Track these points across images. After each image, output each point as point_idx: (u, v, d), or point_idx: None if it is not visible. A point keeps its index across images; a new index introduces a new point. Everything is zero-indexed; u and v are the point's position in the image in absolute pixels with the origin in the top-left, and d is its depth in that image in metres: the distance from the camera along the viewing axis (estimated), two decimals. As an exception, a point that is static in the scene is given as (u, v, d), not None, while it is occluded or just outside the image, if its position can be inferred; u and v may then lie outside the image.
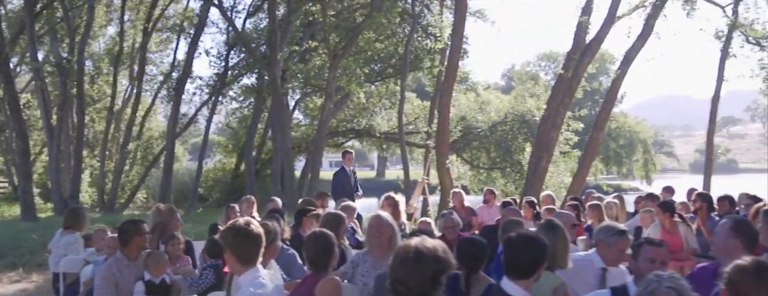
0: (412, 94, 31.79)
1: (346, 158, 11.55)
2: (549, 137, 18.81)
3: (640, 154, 47.08)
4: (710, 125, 19.08)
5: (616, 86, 18.95)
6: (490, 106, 29.66)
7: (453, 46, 18.08)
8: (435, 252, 2.87)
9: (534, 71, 48.77)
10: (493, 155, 28.89)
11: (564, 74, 18.84)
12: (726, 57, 18.33)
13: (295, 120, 28.37)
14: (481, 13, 28.05)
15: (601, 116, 19.09)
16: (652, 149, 51.65)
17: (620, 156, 48.03)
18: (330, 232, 4.00)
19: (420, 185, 12.88)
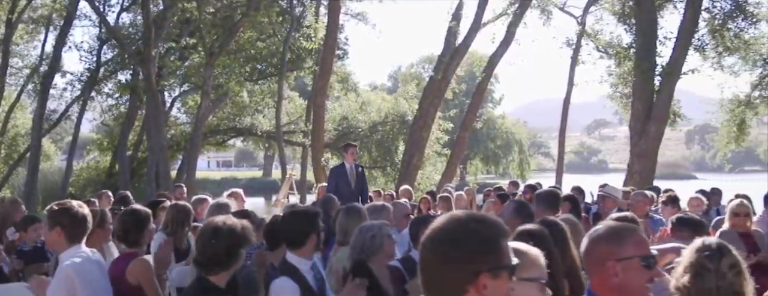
0: (295, 93, 32.07)
1: (348, 153, 9.23)
2: (420, 136, 19.76)
3: (516, 154, 49.52)
4: (561, 126, 20.69)
5: (482, 88, 20.19)
6: (371, 106, 30.41)
7: (327, 47, 18.62)
8: (232, 228, 3.28)
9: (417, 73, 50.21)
10: (374, 155, 29.66)
11: (434, 76, 19.86)
12: (576, 64, 19.97)
13: (173, 118, 27.83)
14: (363, 15, 28.75)
15: (467, 117, 20.25)
16: (528, 149, 54.53)
17: (498, 156, 50.44)
18: (146, 209, 4.28)
19: (287, 182, 13.29)
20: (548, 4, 19.64)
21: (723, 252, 2.48)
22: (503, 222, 1.75)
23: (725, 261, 2.46)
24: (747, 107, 20.30)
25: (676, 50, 15.51)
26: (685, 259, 2.59)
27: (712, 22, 16.51)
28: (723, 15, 16.40)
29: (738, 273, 2.43)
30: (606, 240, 2.27)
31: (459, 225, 1.69)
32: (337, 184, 8.95)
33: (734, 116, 20.52)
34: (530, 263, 2.13)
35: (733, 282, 2.41)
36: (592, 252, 2.30)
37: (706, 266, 2.46)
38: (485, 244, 1.65)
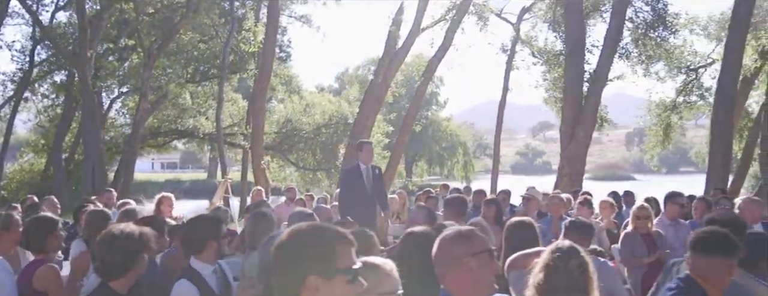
0: (239, 95, 31.92)
1: (363, 151, 8.02)
2: (360, 139, 19.96)
3: (460, 156, 50.24)
4: (497, 130, 21.24)
5: (421, 92, 20.52)
6: (315, 108, 30.49)
7: (266, 50, 18.66)
8: (129, 234, 3.41)
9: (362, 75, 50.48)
10: (318, 157, 29.77)
11: (374, 80, 20.12)
12: (511, 69, 20.55)
13: (111, 120, 27.34)
14: (307, 18, 28.82)
15: (406, 120, 20.57)
16: (473, 151, 55.43)
17: (443, 158, 51.13)
18: (52, 216, 4.34)
19: (222, 185, 13.28)
20: (485, 11, 20.14)
21: (571, 253, 2.73)
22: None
23: (573, 261, 2.70)
24: (672, 111, 21.23)
25: (602, 58, 16.20)
26: (542, 260, 2.88)
27: (636, 32, 17.28)
28: (645, 25, 17.18)
29: (583, 272, 2.70)
30: (459, 240, 2.54)
31: (296, 233, 1.89)
32: (351, 188, 7.72)
33: (661, 120, 21.42)
34: (384, 276, 2.31)
35: (578, 280, 2.68)
36: (448, 252, 2.55)
37: (556, 266, 2.71)
38: (316, 249, 1.83)
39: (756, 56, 16.98)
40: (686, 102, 21.39)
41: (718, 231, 3.16)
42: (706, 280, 3.07)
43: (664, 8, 16.96)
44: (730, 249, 3.08)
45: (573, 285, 2.70)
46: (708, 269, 3.07)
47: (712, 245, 3.10)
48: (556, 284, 2.73)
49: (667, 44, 18.09)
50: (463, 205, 5.99)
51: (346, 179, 8.07)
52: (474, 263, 2.49)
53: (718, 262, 3.05)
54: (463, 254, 2.51)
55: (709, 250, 3.09)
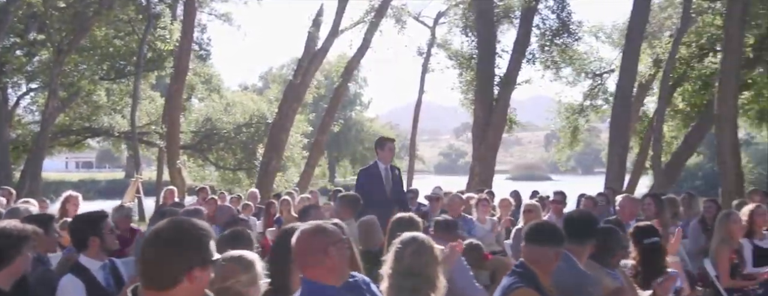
0: (157, 93, 31.27)
1: (385, 149, 7.20)
2: (279, 139, 20.05)
3: (383, 156, 50.74)
4: (413, 131, 21.77)
5: (339, 93, 20.80)
6: (236, 108, 30.23)
7: (182, 48, 18.48)
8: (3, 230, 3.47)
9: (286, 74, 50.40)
10: (239, 157, 29.52)
11: (293, 80, 20.24)
12: (426, 71, 21.13)
13: (18, 117, 26.26)
14: (227, 16, 28.55)
15: (324, 120, 20.80)
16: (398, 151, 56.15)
17: (366, 158, 51.57)
18: None
19: (133, 185, 13.15)
20: (403, 14, 20.61)
21: (410, 242, 3.28)
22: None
23: (409, 249, 3.23)
24: (580, 114, 22.31)
25: (511, 62, 16.94)
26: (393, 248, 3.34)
27: (543, 38, 18.14)
28: (551, 32, 18.05)
29: (417, 256, 3.21)
30: (319, 232, 2.85)
31: (176, 228, 2.14)
32: (368, 189, 6.98)
33: (569, 123, 22.47)
34: (244, 267, 2.67)
35: (411, 264, 3.19)
36: (311, 243, 2.83)
37: (397, 252, 3.25)
38: (196, 243, 2.12)
39: (651, 64, 18.14)
40: (592, 105, 22.50)
41: (545, 224, 3.58)
42: (537, 266, 3.46)
43: (568, 16, 17.89)
44: (554, 239, 3.48)
45: (408, 269, 3.19)
46: (537, 256, 3.46)
47: (540, 235, 3.50)
48: (395, 268, 3.24)
49: (570, 50, 19.05)
50: (355, 203, 6.29)
51: (363, 180, 7.31)
52: (334, 252, 2.80)
53: (544, 251, 3.44)
54: (326, 244, 2.80)
55: (537, 240, 3.48)
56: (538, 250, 3.47)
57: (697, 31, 17.71)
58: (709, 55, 16.80)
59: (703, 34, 17.35)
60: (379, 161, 7.21)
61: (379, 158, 7.23)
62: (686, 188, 32.07)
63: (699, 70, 17.40)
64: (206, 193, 11.86)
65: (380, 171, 7.14)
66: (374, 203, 6.55)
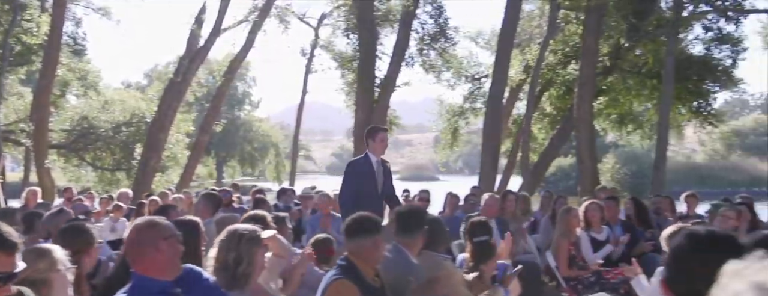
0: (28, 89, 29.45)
1: (376, 140, 6.32)
2: (157, 138, 19.54)
3: (272, 157, 50.31)
4: (296, 131, 21.83)
5: (222, 92, 20.55)
6: (115, 106, 29.00)
7: (51, 43, 17.62)
8: None
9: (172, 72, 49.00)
10: (118, 156, 28.36)
11: (174, 78, 19.77)
12: (309, 72, 21.31)
13: None
14: (106, 10, 27.39)
15: (207, 120, 20.48)
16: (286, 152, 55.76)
17: (255, 158, 50.94)
18: None
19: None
20: (287, 14, 20.67)
21: (243, 235, 3.40)
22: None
23: (243, 241, 3.40)
24: (460, 116, 23.17)
25: (391, 65, 17.42)
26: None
27: (421, 42, 18.78)
28: (429, 36, 18.72)
29: (248, 249, 3.37)
30: (151, 226, 2.94)
31: None
32: (357, 184, 6.22)
33: (450, 125, 23.29)
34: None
35: (241, 255, 3.35)
36: (142, 237, 2.92)
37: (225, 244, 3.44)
38: None
39: (521, 69, 19.21)
40: (472, 108, 23.43)
41: (359, 217, 3.78)
42: (358, 257, 3.63)
43: (445, 22, 18.62)
44: (365, 229, 3.64)
45: (237, 257, 3.35)
46: (355, 248, 3.65)
47: (352, 228, 3.68)
48: (221, 257, 3.38)
49: (448, 54, 19.81)
50: (214, 202, 6.35)
51: (353, 173, 6.30)
52: (165, 246, 2.90)
53: (360, 242, 3.62)
54: (157, 238, 2.89)
55: (351, 233, 3.67)
56: (355, 242, 3.64)
57: (564, 39, 18.90)
58: (572, 62, 17.98)
59: (568, 42, 18.54)
60: (369, 152, 6.32)
61: (369, 149, 6.33)
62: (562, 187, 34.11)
63: (563, 76, 18.59)
64: (71, 193, 11.41)
65: (372, 164, 6.29)
66: (364, 199, 6.00)
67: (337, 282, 3.50)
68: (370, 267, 3.66)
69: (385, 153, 6.42)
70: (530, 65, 17.51)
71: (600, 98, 18.53)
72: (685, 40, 19.32)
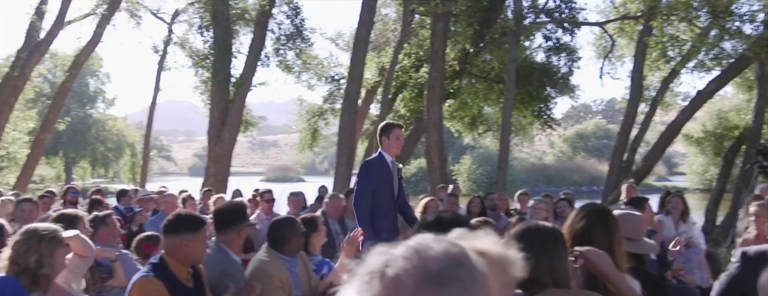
0: None
1: (391, 137, 5.70)
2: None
3: (128, 157, 48.00)
4: (148, 130, 21.02)
5: (65, 88, 19.29)
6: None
7: None
8: None
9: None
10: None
11: (11, 72, 18.31)
12: (162, 69, 20.56)
13: None
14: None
15: (48, 117, 19.16)
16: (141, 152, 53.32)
17: (108, 159, 48.28)
18: None
19: None
20: (139, 9, 19.78)
21: (43, 236, 3.27)
22: None
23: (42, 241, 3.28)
24: (319, 117, 23.28)
25: (247, 64, 17.21)
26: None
27: (278, 42, 18.71)
28: (285, 36, 18.69)
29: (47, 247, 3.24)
30: None
31: None
32: (374, 185, 5.56)
33: (309, 125, 23.33)
34: None
35: (38, 256, 3.21)
36: None
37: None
38: None
39: (377, 72, 19.66)
40: (331, 109, 23.61)
41: (179, 214, 3.76)
42: (169, 255, 3.59)
43: (302, 23, 18.67)
44: (176, 228, 3.59)
45: (39, 259, 3.23)
46: (166, 246, 3.64)
47: (170, 226, 3.63)
48: (20, 258, 3.25)
49: (305, 55, 19.88)
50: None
51: (369, 175, 5.63)
52: None
53: (170, 240, 3.59)
54: None
55: (167, 230, 3.64)
56: (166, 240, 3.62)
57: (419, 43, 19.57)
58: (424, 66, 18.64)
59: (422, 46, 19.21)
60: (384, 151, 5.66)
61: (383, 147, 5.67)
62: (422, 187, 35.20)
63: (416, 79, 19.24)
64: None
65: (387, 164, 5.65)
66: (381, 206, 5.48)
67: (143, 279, 3.45)
68: (183, 267, 3.61)
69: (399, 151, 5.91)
70: (386, 68, 17.95)
71: (450, 101, 19.37)
72: (530, 48, 20.71)
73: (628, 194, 8.56)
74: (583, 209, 3.32)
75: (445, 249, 1.04)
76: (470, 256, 1.05)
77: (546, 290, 2.41)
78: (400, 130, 5.76)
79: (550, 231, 2.50)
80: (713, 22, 14.61)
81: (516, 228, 2.62)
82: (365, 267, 1.01)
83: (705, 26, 15.46)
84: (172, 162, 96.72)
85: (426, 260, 1.01)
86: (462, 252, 1.05)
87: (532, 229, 2.49)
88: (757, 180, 12.71)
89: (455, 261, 1.03)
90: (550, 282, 2.40)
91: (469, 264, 1.04)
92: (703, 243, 8.06)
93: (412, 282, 0.97)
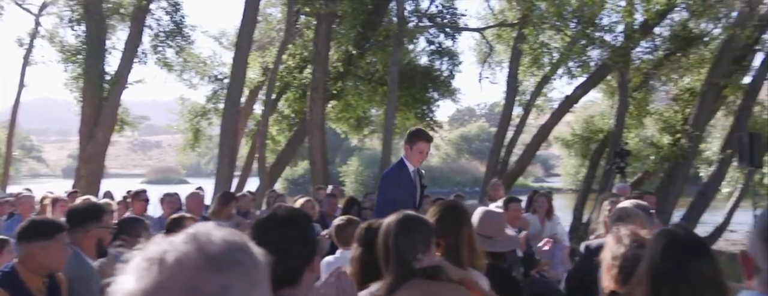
0: None
1: (414, 149, 5.36)
2: None
3: (-8, 158, 44.50)
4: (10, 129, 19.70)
5: None
6: None
7: None
8: None
9: None
10: None
11: None
12: (28, 64, 19.30)
13: None
14: None
15: None
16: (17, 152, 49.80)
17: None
18: None
19: None
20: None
21: None
22: None
23: None
24: (202, 117, 22.65)
25: (122, 61, 16.45)
26: None
27: (156, 38, 18.02)
28: (164, 33, 18.04)
29: None
30: None
31: None
32: (396, 197, 5.22)
33: (192, 125, 22.65)
34: None
35: None
36: None
37: None
38: None
39: (260, 72, 19.40)
40: (215, 109, 23.03)
41: (35, 220, 3.55)
42: (21, 264, 3.33)
43: (182, 20, 18.10)
44: (29, 235, 3.33)
45: None
46: (20, 254, 3.38)
47: (24, 233, 3.36)
48: None
49: (185, 53, 19.29)
50: None
51: (393, 184, 5.34)
52: None
53: (23, 247, 3.33)
54: None
55: (20, 237, 3.36)
56: (22, 247, 3.37)
57: (304, 44, 19.47)
58: (308, 67, 18.57)
59: (307, 47, 19.13)
60: (406, 160, 5.38)
61: (406, 156, 5.40)
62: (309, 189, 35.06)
63: (300, 79, 19.15)
64: None
65: (410, 176, 5.38)
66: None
67: None
68: (37, 276, 3.36)
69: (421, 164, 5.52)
70: (270, 68, 17.73)
71: (334, 102, 19.42)
72: (413, 52, 21.17)
73: (493, 193, 8.97)
74: (439, 205, 3.46)
75: (225, 235, 1.06)
76: (250, 244, 1.08)
77: (413, 280, 2.50)
78: (426, 144, 5.41)
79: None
80: (579, 32, 15.57)
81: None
82: (143, 255, 1.01)
83: (573, 35, 16.42)
84: (43, 163, 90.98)
85: (206, 244, 1.02)
86: (241, 239, 1.07)
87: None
88: (616, 180, 13.71)
89: (235, 246, 1.05)
90: (419, 273, 2.51)
91: (249, 250, 1.07)
92: (567, 239, 8.63)
93: (192, 266, 0.97)
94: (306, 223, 2.09)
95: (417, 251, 2.61)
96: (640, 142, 19.26)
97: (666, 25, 17.43)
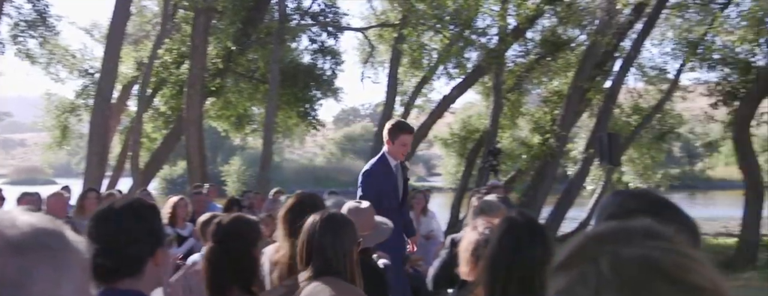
0: None
1: (396, 143, 5.08)
2: None
3: None
4: None
5: None
6: None
7: None
8: None
9: None
10: None
11: None
12: None
13: None
14: None
15: None
16: None
17: None
18: None
19: None
20: None
21: None
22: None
23: None
24: (71, 113, 21.39)
25: (-24, 52, 15.25)
26: None
27: (16, 28, 16.87)
28: (25, 22, 16.92)
29: None
30: None
31: None
32: (378, 192, 4.92)
33: (59, 122, 21.35)
34: None
35: None
36: None
37: None
38: None
39: (134, 67, 18.62)
40: (85, 105, 21.81)
41: None
42: None
43: (46, 9, 17.03)
44: None
45: None
46: None
47: None
48: None
49: (50, 45, 18.19)
50: None
51: (375, 181, 5.04)
52: None
53: None
54: None
55: None
56: None
57: (182, 39, 18.86)
58: (186, 62, 18.02)
59: (185, 42, 18.56)
60: (388, 154, 5.13)
61: (389, 150, 5.13)
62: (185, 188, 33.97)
63: (177, 75, 18.54)
64: None
65: (392, 170, 5.15)
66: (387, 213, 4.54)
67: None
68: None
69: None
70: (144, 62, 17.04)
71: (213, 100, 18.95)
72: (296, 50, 21.04)
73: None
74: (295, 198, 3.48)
75: (34, 220, 1.05)
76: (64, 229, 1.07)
77: (323, 277, 2.55)
78: (409, 136, 5.22)
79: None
80: (456, 34, 16.12)
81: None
82: None
83: (451, 37, 16.97)
84: None
85: (7, 229, 1.00)
86: (54, 224, 1.06)
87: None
88: (490, 178, 14.31)
89: (40, 230, 1.04)
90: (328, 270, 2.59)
91: (59, 235, 1.05)
92: (442, 235, 8.93)
93: None
94: (148, 214, 2.05)
95: (341, 249, 2.67)
96: (513, 141, 20.15)
97: (537, 30, 18.42)
